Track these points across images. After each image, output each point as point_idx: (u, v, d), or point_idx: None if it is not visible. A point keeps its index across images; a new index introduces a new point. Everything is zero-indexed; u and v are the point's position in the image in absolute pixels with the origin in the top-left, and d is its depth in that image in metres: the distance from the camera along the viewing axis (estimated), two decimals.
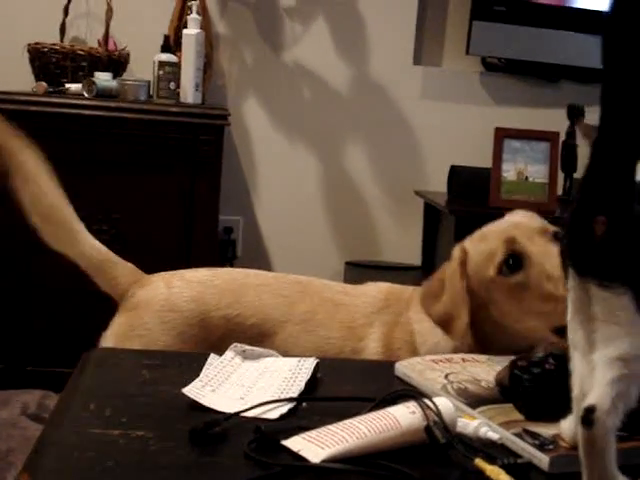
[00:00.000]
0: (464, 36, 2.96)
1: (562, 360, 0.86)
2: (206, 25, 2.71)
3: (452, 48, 3.08)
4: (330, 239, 3.05)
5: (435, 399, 0.84)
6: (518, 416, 0.86)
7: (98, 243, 1.37)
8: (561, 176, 2.86)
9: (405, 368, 1.05)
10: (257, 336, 1.32)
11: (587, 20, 2.98)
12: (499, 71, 3.09)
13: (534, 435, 0.80)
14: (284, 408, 0.89)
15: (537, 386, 0.88)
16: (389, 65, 3.01)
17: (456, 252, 1.30)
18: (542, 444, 0.78)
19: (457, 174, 2.80)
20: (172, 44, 2.62)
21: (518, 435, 0.81)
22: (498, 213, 2.55)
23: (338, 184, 3.03)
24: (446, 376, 0.99)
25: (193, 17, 2.57)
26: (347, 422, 0.81)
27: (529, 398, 0.88)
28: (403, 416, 0.81)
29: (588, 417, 0.70)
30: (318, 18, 2.96)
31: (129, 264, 1.39)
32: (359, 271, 2.91)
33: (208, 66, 2.72)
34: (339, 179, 3.03)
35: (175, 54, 2.60)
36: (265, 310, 1.34)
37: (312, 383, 0.99)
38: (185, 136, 2.44)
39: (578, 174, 2.91)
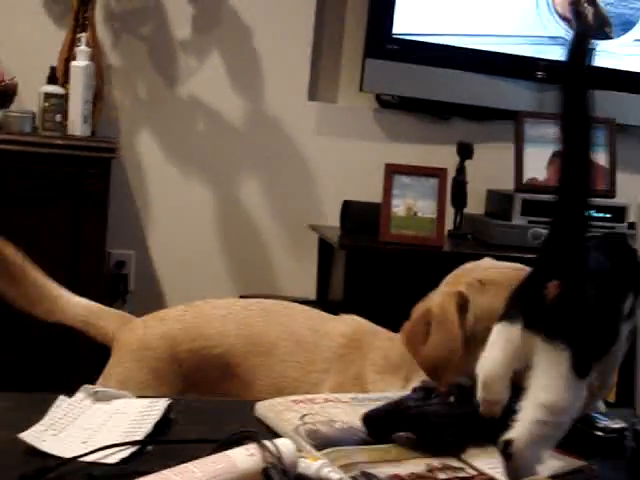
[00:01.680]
0: (359, 73, 3.00)
1: (463, 391, 0.94)
2: (97, 57, 2.68)
3: (347, 85, 3.12)
4: (224, 273, 3.03)
5: (277, 440, 0.83)
6: (360, 458, 0.86)
7: (78, 299, 1.45)
8: (452, 211, 2.92)
9: (264, 408, 1.04)
10: (223, 366, 1.35)
11: (478, 60, 3.07)
12: (393, 108, 3.14)
13: (370, 478, 0.80)
14: (126, 452, 0.87)
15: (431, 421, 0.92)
16: (284, 100, 3.03)
17: (450, 297, 1.24)
18: None
19: (349, 209, 2.82)
20: (61, 76, 2.58)
21: (354, 477, 0.81)
22: (387, 248, 2.59)
23: (233, 218, 3.02)
24: (302, 417, 0.99)
25: (82, 49, 2.53)
26: (182, 466, 0.79)
27: (443, 439, 0.91)
28: (241, 459, 0.80)
29: (506, 450, 0.77)
30: (213, 52, 2.96)
31: (116, 311, 1.48)
32: None
33: (99, 98, 2.69)
34: (234, 213, 3.02)
35: (64, 86, 2.56)
36: (229, 340, 1.36)
37: (163, 425, 0.97)
38: (71, 169, 2.40)
39: (468, 209, 2.97)
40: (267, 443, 0.82)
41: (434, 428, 0.91)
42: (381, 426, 0.94)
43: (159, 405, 1.00)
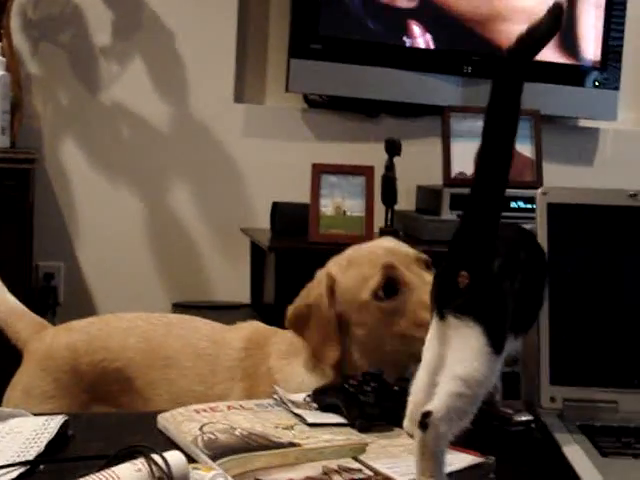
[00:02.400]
0: (284, 73, 2.99)
1: (380, 380, 1.05)
2: (14, 66, 2.62)
3: (273, 86, 3.10)
4: (156, 281, 2.99)
5: (167, 453, 0.81)
6: (256, 465, 0.85)
7: (9, 296, 1.46)
8: (382, 209, 2.92)
9: (165, 420, 1.01)
10: (122, 381, 1.33)
11: (404, 57, 3.08)
12: (321, 107, 3.13)
13: None
14: (14, 473, 0.84)
15: (371, 403, 1.01)
16: (210, 103, 3.00)
17: (321, 278, 1.29)
18: None
19: (279, 210, 2.80)
20: None
21: None
22: (317, 248, 2.58)
23: (163, 224, 2.99)
24: (201, 427, 0.97)
25: None
26: None
27: (364, 413, 0.99)
28: (127, 475, 0.78)
29: (424, 421, 0.78)
30: (135, 57, 2.92)
31: (35, 317, 1.46)
32: (187, 312, 2.84)
33: (18, 108, 2.63)
34: (163, 219, 2.99)
35: None
36: (128, 354, 1.34)
37: (59, 442, 0.94)
38: None
39: (399, 206, 2.98)
40: (156, 457, 0.80)
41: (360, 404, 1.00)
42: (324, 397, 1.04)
43: (54, 423, 0.97)
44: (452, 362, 0.82)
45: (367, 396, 1.02)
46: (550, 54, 3.22)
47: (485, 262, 0.84)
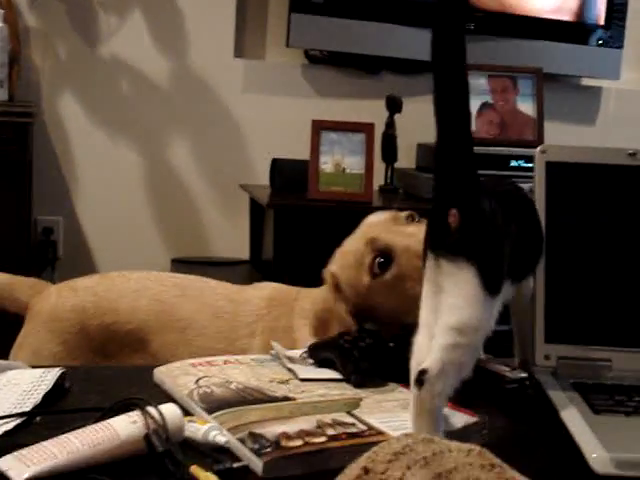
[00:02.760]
0: (285, 28, 2.96)
1: (377, 336, 1.05)
2: (12, 19, 2.60)
3: (274, 41, 3.07)
4: (155, 236, 2.99)
5: (162, 406, 0.82)
6: (251, 418, 0.85)
7: None
8: (382, 166, 2.91)
9: (162, 374, 1.02)
10: (134, 343, 1.32)
11: (407, 12, 3.04)
12: (321, 63, 3.11)
13: (256, 438, 0.79)
14: (10, 424, 0.85)
15: (365, 358, 1.01)
16: (210, 58, 2.98)
17: (327, 279, 1.25)
18: (260, 448, 0.77)
19: (278, 167, 2.79)
20: None
21: (241, 439, 0.80)
22: (316, 205, 2.58)
23: (162, 180, 2.98)
24: (197, 381, 0.97)
25: None
26: (62, 437, 0.77)
27: (358, 368, 0.99)
28: (123, 426, 0.79)
29: (420, 379, 0.78)
30: (134, 11, 2.89)
31: (28, 279, 1.44)
32: (186, 268, 2.87)
33: (16, 61, 2.61)
34: (162, 175, 2.98)
35: None
36: (141, 317, 1.32)
37: (56, 395, 0.95)
38: None
39: (399, 164, 2.97)
40: (150, 409, 0.81)
41: (355, 359, 1.01)
42: (319, 353, 1.06)
43: (51, 375, 0.97)
44: (445, 312, 0.80)
45: (361, 351, 1.02)
46: (554, 12, 3.19)
47: (473, 198, 0.82)
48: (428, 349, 0.81)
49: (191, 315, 1.33)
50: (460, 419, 0.88)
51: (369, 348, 1.03)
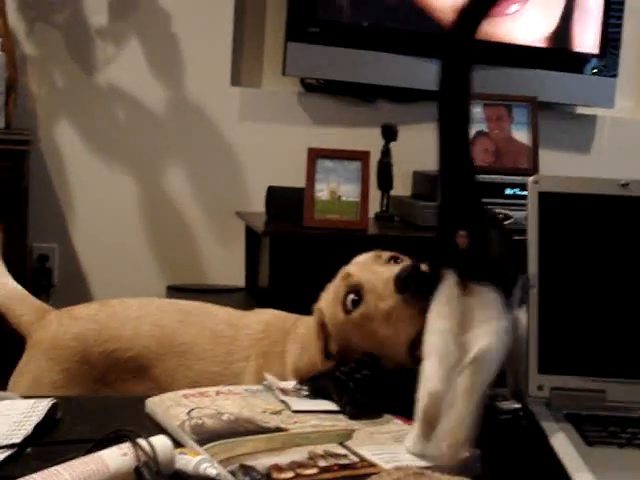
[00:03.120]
0: (281, 57, 2.98)
1: (375, 365, 1.05)
2: (9, 46, 2.61)
3: (271, 69, 3.09)
4: (151, 263, 2.99)
5: (153, 438, 0.81)
6: (242, 450, 0.85)
7: (11, 281, 1.44)
8: (378, 194, 2.92)
9: (153, 404, 1.02)
10: (136, 370, 1.32)
11: (403, 41, 3.06)
12: (318, 91, 3.12)
13: (247, 471, 0.79)
14: (1, 456, 0.84)
15: (361, 390, 1.01)
16: (206, 86, 2.99)
17: (314, 314, 1.22)
18: None
19: (274, 195, 2.80)
20: None
21: (232, 472, 0.79)
22: (311, 233, 2.58)
23: (158, 207, 2.98)
24: (189, 412, 0.97)
25: None
26: (51, 469, 0.77)
27: (353, 400, 0.99)
28: (113, 459, 0.78)
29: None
30: (131, 39, 2.91)
31: (36, 301, 1.44)
32: (182, 295, 2.86)
33: (12, 89, 2.62)
34: (159, 202, 2.98)
35: None
36: (142, 343, 1.33)
37: (47, 426, 0.94)
38: None
39: (395, 192, 2.97)
40: (141, 441, 0.80)
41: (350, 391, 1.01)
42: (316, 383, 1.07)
43: (42, 405, 0.97)
44: (480, 322, 0.84)
45: (357, 383, 1.02)
46: (548, 41, 3.21)
47: (480, 221, 0.87)
48: (439, 376, 0.83)
49: (191, 339, 1.33)
50: None
51: (365, 380, 1.02)
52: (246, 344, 1.32)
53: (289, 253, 2.59)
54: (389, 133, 2.89)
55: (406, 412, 0.95)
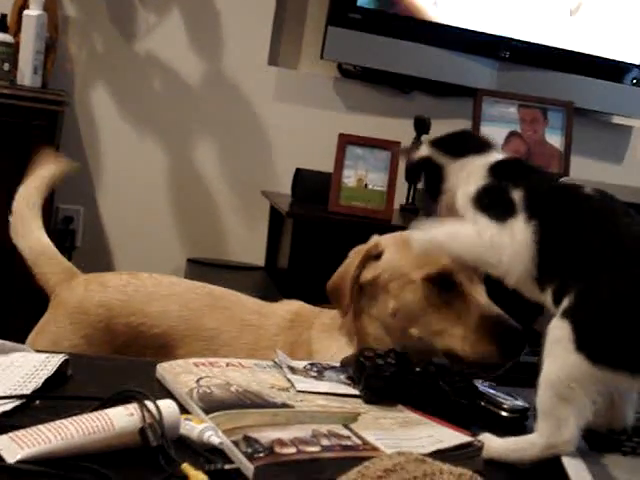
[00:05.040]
0: (321, 40, 2.97)
1: (402, 357, 1.03)
2: (52, 7, 2.62)
3: (308, 52, 3.09)
4: (173, 234, 3.00)
5: (160, 401, 0.82)
6: (247, 422, 0.85)
7: (44, 238, 1.45)
8: (405, 186, 2.91)
9: (164, 370, 1.03)
10: (159, 347, 1.32)
11: (442, 35, 3.04)
12: (354, 78, 3.11)
13: (250, 442, 0.79)
14: (9, 405, 0.86)
15: (377, 375, 1.00)
16: (243, 63, 2.99)
17: (370, 242, 1.29)
18: (253, 452, 0.77)
19: (301, 177, 2.80)
20: (14, 24, 2.53)
21: (235, 442, 0.80)
22: (335, 218, 2.58)
23: (185, 179, 2.99)
24: (198, 380, 0.98)
25: None
26: (57, 422, 0.78)
27: (368, 384, 0.99)
28: (119, 417, 0.79)
29: None
30: (173, 10, 2.91)
31: (65, 262, 1.45)
32: (201, 269, 2.88)
33: (52, 49, 2.64)
34: (186, 174, 2.99)
35: (17, 35, 2.51)
36: (169, 322, 1.34)
37: (57, 380, 0.95)
38: (17, 120, 2.35)
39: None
40: (148, 403, 0.81)
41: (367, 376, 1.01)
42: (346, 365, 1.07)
43: (55, 360, 0.98)
44: None
45: (376, 369, 1.01)
46: (590, 47, 3.18)
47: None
48: None
49: (219, 326, 1.34)
50: (455, 437, 0.87)
51: (385, 367, 1.02)
52: (273, 332, 1.34)
53: (311, 236, 2.59)
54: (422, 125, 2.89)
55: (424, 408, 0.96)
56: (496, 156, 1.10)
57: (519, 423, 1.04)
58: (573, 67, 3.17)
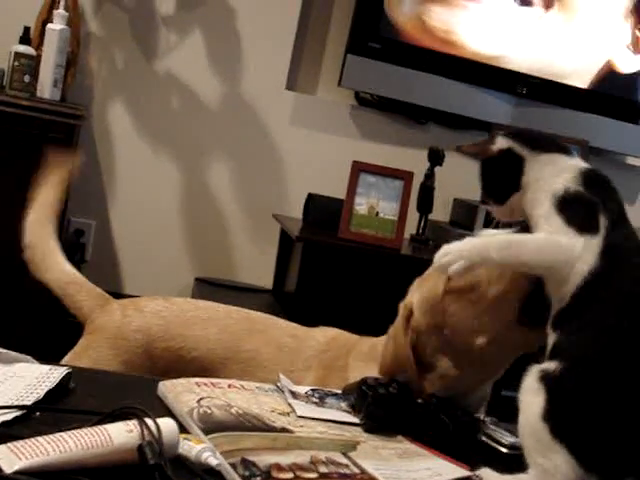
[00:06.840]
0: (339, 68, 2.99)
1: (404, 388, 1.03)
2: (75, 22, 2.65)
3: (326, 78, 3.11)
4: (183, 253, 3.01)
5: (159, 419, 0.82)
6: (246, 445, 0.85)
7: (68, 267, 1.44)
8: (416, 216, 2.91)
9: (165, 388, 1.02)
10: (199, 370, 1.32)
11: (460, 68, 3.06)
12: (370, 106, 3.13)
13: (248, 465, 0.79)
14: (9, 415, 0.86)
15: (378, 404, 1.00)
16: (262, 86, 3.01)
17: (400, 310, 1.20)
18: (250, 475, 0.77)
19: (313, 202, 2.81)
20: (36, 37, 2.56)
21: (232, 464, 0.80)
22: (344, 245, 2.58)
23: (197, 199, 3.01)
24: (199, 400, 0.97)
25: (59, 12, 2.52)
26: (57, 435, 0.78)
27: (369, 413, 0.99)
28: (118, 433, 0.79)
29: None
30: (195, 30, 2.94)
31: (95, 288, 1.45)
32: (208, 288, 2.88)
33: (73, 64, 2.66)
34: (199, 194, 3.01)
35: (39, 48, 2.54)
36: (209, 345, 1.35)
37: (58, 393, 0.95)
38: (34, 131, 2.37)
39: (434, 216, 2.97)
40: (148, 421, 0.81)
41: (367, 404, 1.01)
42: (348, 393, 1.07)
43: (57, 372, 0.98)
44: None
45: (378, 399, 1.01)
46: (606, 87, 3.19)
47: None
48: None
49: (256, 348, 1.35)
50: (453, 471, 0.87)
51: (387, 397, 1.01)
52: (309, 354, 1.34)
53: (320, 261, 2.59)
54: (436, 157, 2.89)
55: (424, 440, 0.96)
56: (580, 161, 1.07)
57: (519, 460, 1.03)
58: (589, 106, 3.18)
